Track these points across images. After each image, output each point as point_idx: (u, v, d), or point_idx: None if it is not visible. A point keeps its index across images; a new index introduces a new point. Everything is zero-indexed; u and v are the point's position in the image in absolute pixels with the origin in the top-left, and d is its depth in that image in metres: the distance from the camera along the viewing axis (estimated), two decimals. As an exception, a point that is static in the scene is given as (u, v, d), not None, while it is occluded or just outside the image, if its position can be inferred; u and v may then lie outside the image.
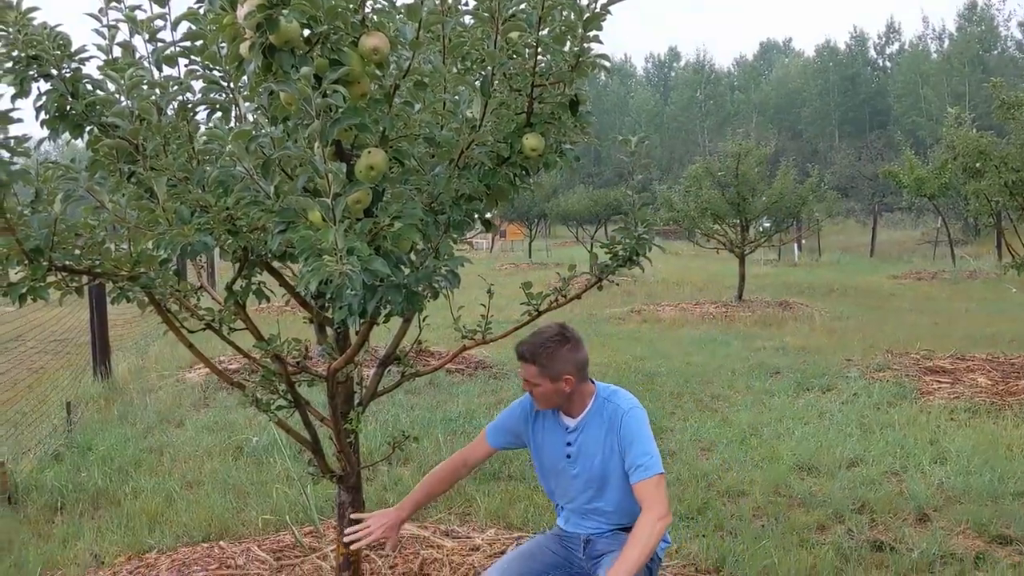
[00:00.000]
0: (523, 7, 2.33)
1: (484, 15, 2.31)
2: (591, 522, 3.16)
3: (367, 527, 3.09)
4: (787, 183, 15.97)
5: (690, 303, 15.63)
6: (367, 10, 2.08)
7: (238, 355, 7.27)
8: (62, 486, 5.37)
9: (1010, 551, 4.31)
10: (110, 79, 2.40)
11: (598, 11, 2.34)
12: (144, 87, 2.39)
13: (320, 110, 1.85)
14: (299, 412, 3.04)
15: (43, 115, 2.45)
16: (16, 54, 2.35)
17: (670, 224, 17.07)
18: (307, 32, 1.98)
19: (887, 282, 20.47)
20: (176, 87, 2.44)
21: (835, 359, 9.68)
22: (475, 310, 3.21)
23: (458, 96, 2.47)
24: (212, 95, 2.49)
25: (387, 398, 7.33)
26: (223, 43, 2.29)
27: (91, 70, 2.67)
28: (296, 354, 2.97)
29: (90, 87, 2.47)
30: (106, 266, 2.50)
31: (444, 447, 6.10)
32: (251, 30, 1.91)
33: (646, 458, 2.94)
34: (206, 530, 4.65)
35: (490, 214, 2.89)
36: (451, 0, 2.47)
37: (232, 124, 2.55)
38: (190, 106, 2.49)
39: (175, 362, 9.93)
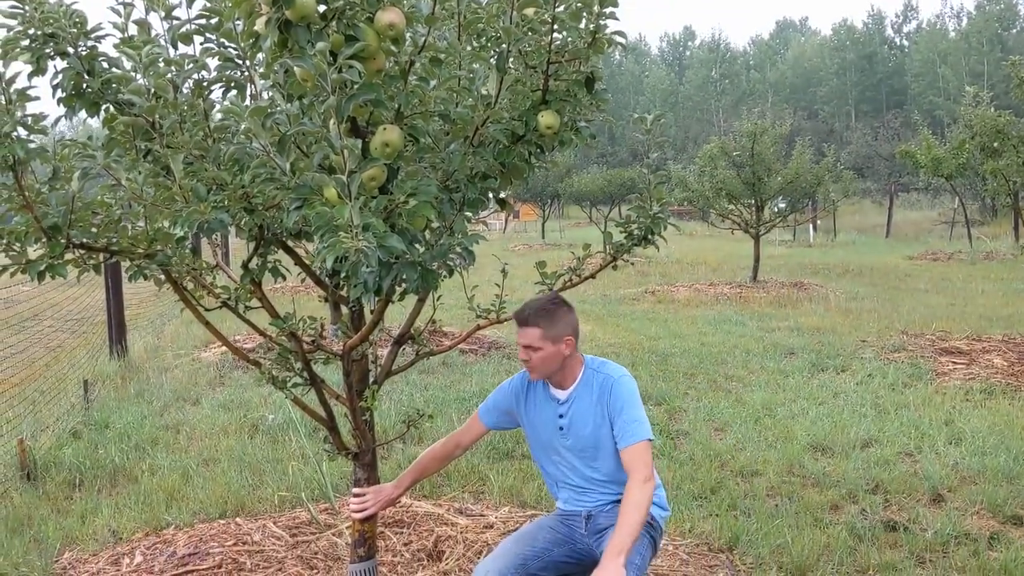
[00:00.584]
0: (539, -17, 2.31)
1: (500, -9, 2.30)
2: (589, 497, 3.17)
3: (365, 501, 3.14)
4: (803, 163, 15.86)
5: (704, 283, 15.59)
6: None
7: (252, 335, 7.27)
8: (80, 463, 5.43)
9: (1025, 531, 4.30)
10: (126, 57, 2.40)
11: (614, -13, 2.33)
12: (160, 65, 2.39)
13: (336, 86, 1.84)
14: (315, 390, 3.05)
15: (60, 93, 2.45)
16: (33, 32, 2.34)
17: (684, 204, 17.01)
18: (323, 7, 1.97)
19: (903, 263, 20.35)
20: (192, 65, 2.44)
21: (850, 340, 9.65)
22: (488, 290, 3.21)
23: (473, 73, 2.46)
24: (228, 72, 2.49)
25: (401, 378, 7.36)
26: (239, 19, 2.29)
27: (107, 48, 2.68)
28: (312, 332, 2.98)
29: (106, 65, 2.47)
30: (123, 244, 2.51)
31: (457, 426, 6.09)
32: (267, 5, 1.91)
33: (635, 424, 3.01)
34: (222, 507, 4.70)
35: (504, 193, 2.89)
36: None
37: (247, 102, 2.55)
38: (206, 84, 2.49)
39: (190, 341, 9.99)
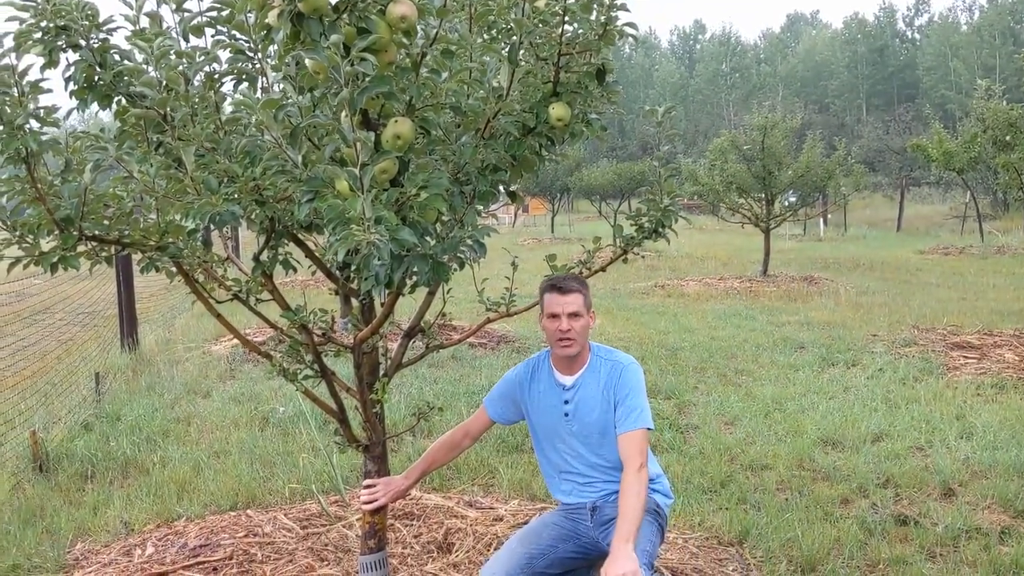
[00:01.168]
0: (550, -25, 2.31)
1: (511, -17, 2.29)
2: (594, 487, 3.16)
3: (375, 492, 3.14)
4: (813, 157, 15.81)
5: (714, 278, 15.56)
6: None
7: (263, 328, 7.26)
8: (92, 455, 5.46)
9: (1036, 526, 4.29)
10: (138, 49, 2.41)
11: (625, -21, 2.32)
12: (172, 57, 2.39)
13: (348, 78, 1.84)
14: (325, 382, 3.06)
15: (72, 86, 2.46)
16: (45, 25, 2.35)
17: (695, 198, 16.98)
18: (335, 0, 1.97)
19: (914, 257, 20.27)
20: (203, 57, 2.45)
21: (860, 334, 9.62)
22: (497, 284, 3.21)
23: (484, 65, 2.46)
24: (239, 65, 2.49)
25: (410, 371, 7.38)
26: (251, 12, 2.29)
27: (119, 41, 2.68)
28: (323, 325, 2.99)
29: (118, 57, 2.47)
30: (135, 236, 2.52)
31: (467, 419, 6.12)
32: (279, -2, 1.91)
33: (637, 411, 3.02)
34: (233, 499, 4.72)
35: (515, 185, 2.89)
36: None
37: (259, 94, 2.55)
38: (217, 76, 2.49)
39: (201, 334, 10.03)
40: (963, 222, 30.29)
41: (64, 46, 2.39)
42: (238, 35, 2.46)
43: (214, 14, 2.48)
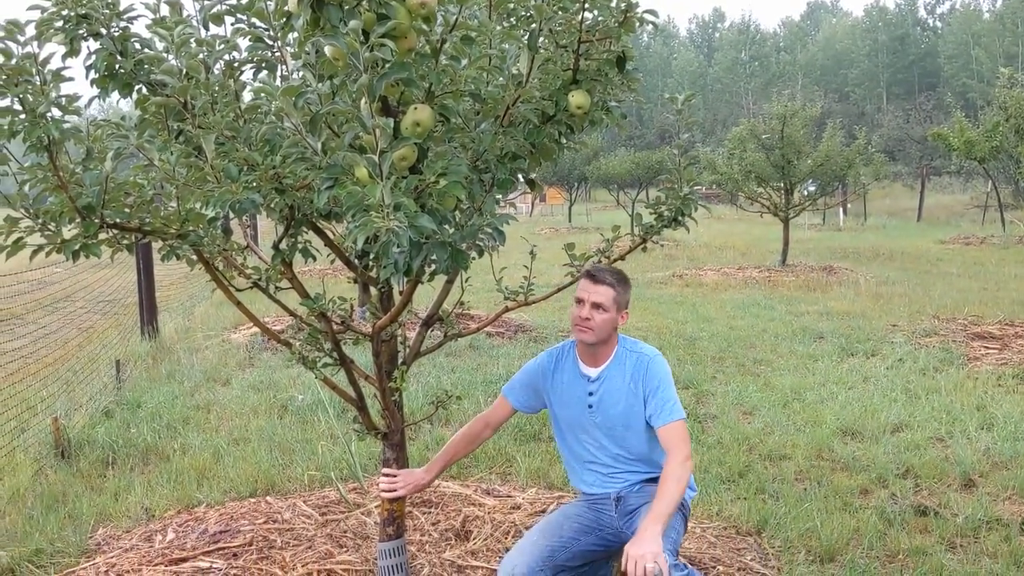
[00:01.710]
0: (570, -38, 2.29)
1: (531, -30, 2.28)
2: (617, 478, 3.16)
3: (395, 482, 3.14)
4: (833, 146, 15.70)
5: (733, 267, 15.50)
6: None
7: (281, 317, 7.29)
8: (113, 441, 5.51)
9: (1058, 518, 4.25)
10: (158, 38, 2.41)
11: (646, -35, 2.31)
12: (192, 45, 2.40)
13: (368, 65, 1.84)
14: (344, 370, 3.06)
15: (93, 74, 2.47)
16: (66, 13, 2.36)
17: (713, 187, 16.90)
18: (355, -14, 1.97)
19: (934, 247, 20.12)
20: (223, 45, 2.45)
21: (880, 324, 9.56)
22: (515, 273, 3.21)
23: (504, 52, 2.45)
24: (259, 53, 2.49)
25: (428, 360, 7.39)
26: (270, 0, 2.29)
27: (139, 29, 2.69)
28: (342, 313, 2.99)
29: (138, 46, 2.48)
30: (155, 224, 2.53)
31: (484, 408, 6.12)
32: (299, -15, 1.91)
33: (670, 403, 3.00)
34: (253, 485, 4.75)
35: (534, 173, 2.88)
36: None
37: (278, 82, 2.55)
38: (237, 64, 2.49)
39: (220, 323, 10.09)
40: (984, 212, 30.02)
41: (85, 35, 2.40)
42: (258, 23, 2.47)
43: (234, 2, 2.49)
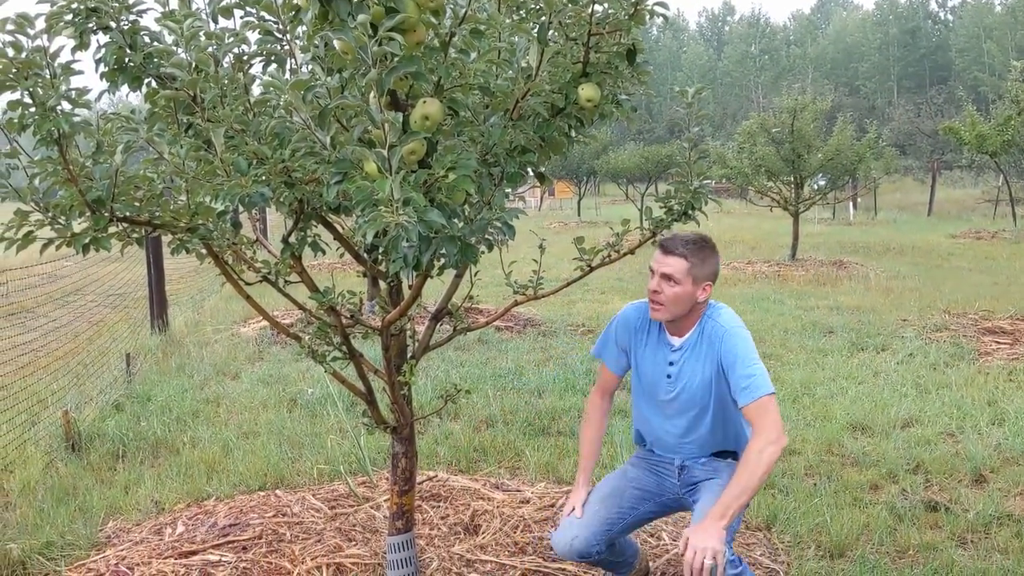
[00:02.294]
0: (580, -46, 2.28)
1: (540, -38, 2.27)
2: (686, 449, 3.05)
3: (571, 511, 3.12)
4: (844, 140, 15.64)
5: (742, 262, 15.46)
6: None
7: (290, 311, 7.32)
8: (123, 434, 5.52)
9: (1070, 513, 4.23)
10: (167, 31, 2.41)
11: (656, -42, 2.29)
12: (201, 38, 2.39)
13: (377, 58, 1.84)
14: (353, 364, 3.07)
15: (102, 67, 2.47)
16: (76, 7, 2.36)
17: (723, 181, 16.86)
18: (363, -21, 1.96)
19: (945, 241, 20.03)
20: (232, 38, 2.45)
21: (891, 319, 9.52)
22: (524, 267, 3.20)
23: (513, 45, 2.44)
24: (268, 46, 2.49)
25: (437, 354, 7.40)
26: (279, -8, 2.28)
27: (148, 22, 2.69)
28: (351, 307, 2.99)
29: (148, 39, 2.48)
30: (165, 217, 2.53)
31: (493, 402, 6.15)
32: (307, -22, 1.90)
33: (750, 379, 2.79)
34: (262, 479, 4.76)
35: (543, 167, 2.87)
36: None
37: (287, 76, 2.55)
38: (246, 57, 2.49)
39: (230, 316, 10.11)
40: (995, 206, 29.87)
41: (95, 28, 2.40)
42: (267, 16, 2.46)
43: (243, -5, 2.48)
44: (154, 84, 2.50)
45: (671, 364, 2.99)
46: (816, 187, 17.31)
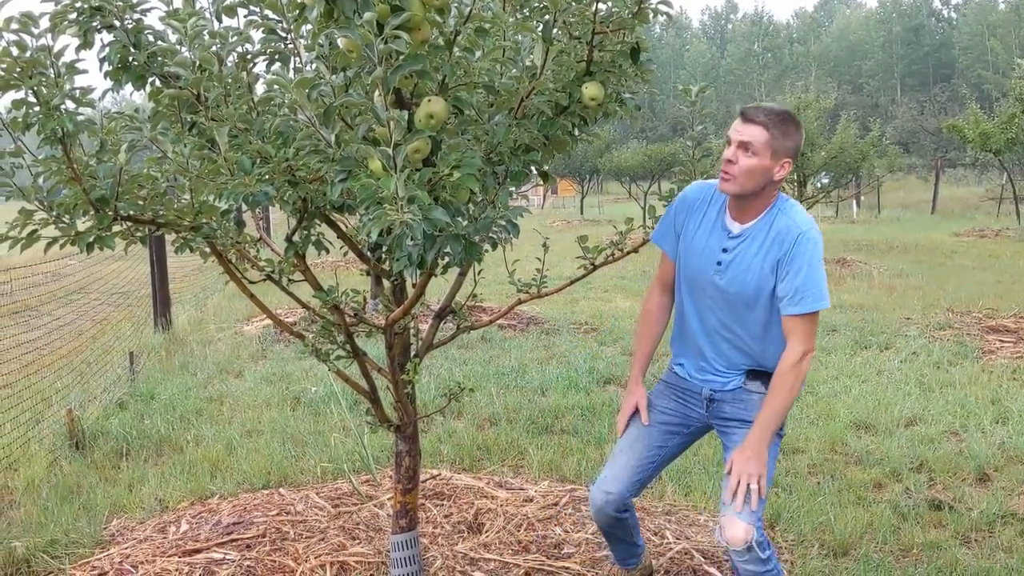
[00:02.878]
0: (584, -48, 2.28)
1: (544, -39, 2.27)
2: (718, 377, 2.87)
3: (625, 427, 3.04)
4: (847, 138, 15.66)
5: (745, 260, 15.42)
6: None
7: (294, 309, 7.32)
8: (127, 433, 5.53)
9: (1074, 512, 4.23)
10: (171, 30, 2.41)
11: (661, -44, 2.29)
12: (205, 37, 2.40)
13: (382, 57, 1.84)
14: (357, 363, 3.07)
15: (106, 66, 2.47)
16: (80, 5, 2.36)
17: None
18: (368, -23, 1.96)
19: (949, 239, 20.00)
20: (236, 37, 2.45)
21: (894, 317, 9.51)
22: (527, 265, 3.19)
23: (518, 44, 2.44)
24: (272, 45, 2.49)
25: (440, 352, 7.40)
26: (284, -9, 2.28)
27: (152, 21, 2.68)
28: (355, 305, 2.99)
29: (152, 38, 2.48)
30: (169, 216, 2.54)
31: (497, 401, 6.14)
32: (312, -23, 1.90)
33: (814, 288, 2.62)
34: (266, 477, 4.76)
35: (547, 165, 2.87)
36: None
37: (292, 74, 2.55)
38: (250, 56, 2.49)
39: (233, 315, 10.12)
40: (999, 204, 29.81)
41: (99, 27, 2.40)
42: (271, 14, 2.46)
43: (247, -7, 2.48)
44: (158, 83, 2.50)
45: (724, 251, 2.77)
46: (819, 185, 17.30)
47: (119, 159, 2.32)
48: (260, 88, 2.58)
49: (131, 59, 2.45)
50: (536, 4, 2.40)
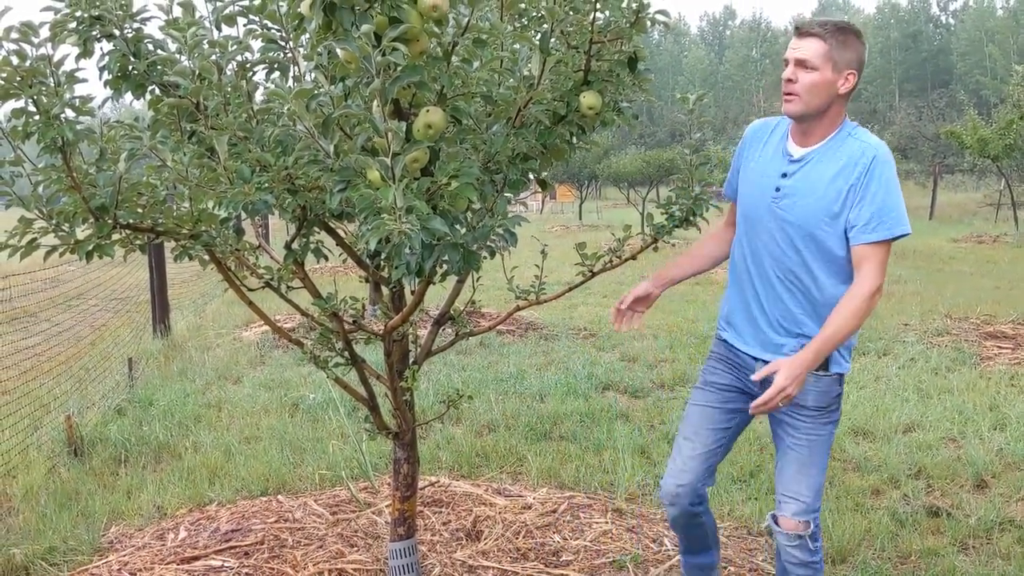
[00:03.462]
0: (582, -37, 2.29)
1: (543, -29, 2.28)
2: (774, 341, 2.71)
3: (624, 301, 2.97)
4: (845, 144, 15.63)
5: (743, 265, 15.43)
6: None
7: (292, 314, 7.32)
8: (125, 439, 5.53)
9: (1072, 519, 4.23)
10: (171, 39, 2.42)
11: (658, -34, 2.31)
12: (204, 46, 2.41)
13: (380, 68, 1.85)
14: (356, 370, 3.07)
15: (106, 75, 2.48)
16: (80, 15, 2.37)
17: (724, 186, 16.86)
18: (367, -11, 1.97)
19: (947, 245, 20.02)
20: (236, 46, 2.46)
21: (892, 323, 9.52)
22: (526, 271, 3.20)
23: (515, 54, 2.45)
24: (271, 54, 2.50)
25: (439, 358, 7.40)
26: (283, 2, 2.30)
27: (152, 30, 2.70)
28: (353, 312, 3.00)
29: (152, 47, 2.49)
30: (168, 224, 2.55)
31: (495, 407, 6.15)
32: (311, -12, 1.91)
33: (893, 213, 2.43)
34: (264, 484, 4.76)
35: (545, 173, 2.88)
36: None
37: (291, 84, 2.56)
38: (249, 65, 2.50)
39: (231, 320, 10.12)
40: (997, 210, 29.85)
41: (98, 36, 2.41)
42: (270, 24, 2.48)
43: (246, 3, 2.50)
44: (158, 91, 2.51)
45: (784, 176, 2.60)
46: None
47: (118, 167, 2.33)
48: (260, 96, 2.60)
49: (131, 68, 2.46)
50: (534, 14, 2.42)
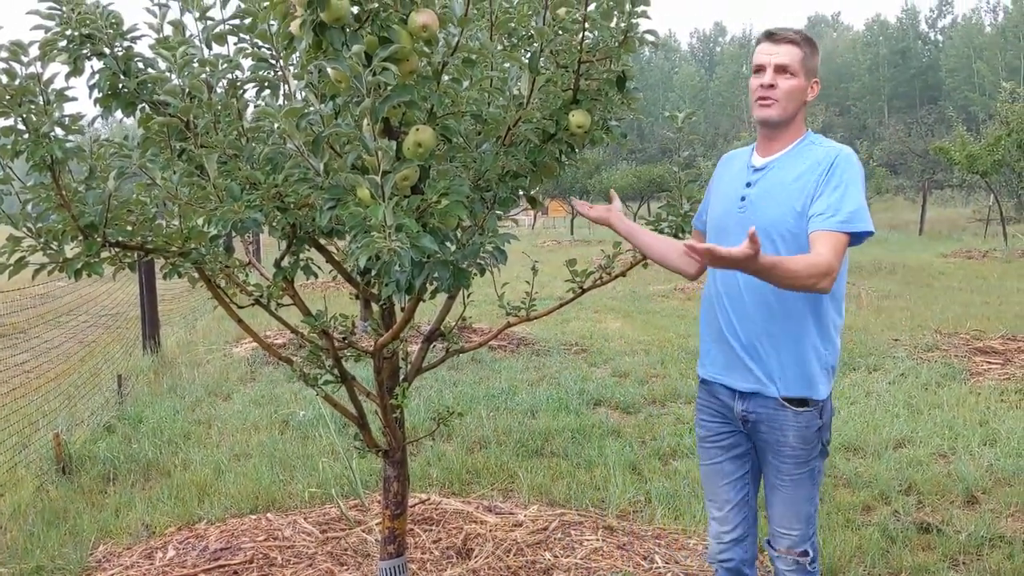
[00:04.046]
0: (571, -18, 2.31)
1: (532, -9, 2.30)
2: (747, 367, 2.61)
3: (591, 207, 2.90)
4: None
5: (734, 281, 15.45)
6: (415, -13, 2.08)
7: (282, 331, 7.29)
8: (114, 457, 5.50)
9: (1061, 535, 4.24)
10: (161, 57, 2.43)
11: (646, -14, 2.32)
12: (195, 65, 2.41)
13: (370, 87, 1.85)
14: (345, 387, 3.07)
15: (96, 93, 2.49)
16: (70, 33, 2.38)
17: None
18: (357, 9, 1.98)
19: (936, 260, 20.09)
20: (226, 65, 2.47)
21: (882, 338, 9.54)
22: (517, 287, 3.20)
23: (505, 73, 2.47)
24: (261, 72, 2.51)
25: (430, 374, 7.38)
26: (273, 21, 2.30)
27: (143, 49, 2.71)
28: (343, 329, 3.00)
29: (142, 65, 2.50)
30: (157, 242, 2.55)
31: (487, 423, 6.14)
32: (301, 8, 1.92)
33: (852, 208, 2.37)
34: (254, 502, 4.74)
35: (534, 191, 2.89)
36: (498, -24, 2.45)
37: (281, 102, 2.57)
38: (239, 84, 2.51)
39: (222, 336, 10.09)
40: (986, 225, 29.99)
41: (89, 54, 2.42)
42: (260, 43, 2.49)
43: (237, 22, 2.51)
44: (148, 110, 2.51)
45: (748, 186, 2.58)
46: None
47: (108, 185, 2.33)
48: (250, 114, 2.60)
49: (121, 86, 2.47)
50: (523, 34, 2.43)
